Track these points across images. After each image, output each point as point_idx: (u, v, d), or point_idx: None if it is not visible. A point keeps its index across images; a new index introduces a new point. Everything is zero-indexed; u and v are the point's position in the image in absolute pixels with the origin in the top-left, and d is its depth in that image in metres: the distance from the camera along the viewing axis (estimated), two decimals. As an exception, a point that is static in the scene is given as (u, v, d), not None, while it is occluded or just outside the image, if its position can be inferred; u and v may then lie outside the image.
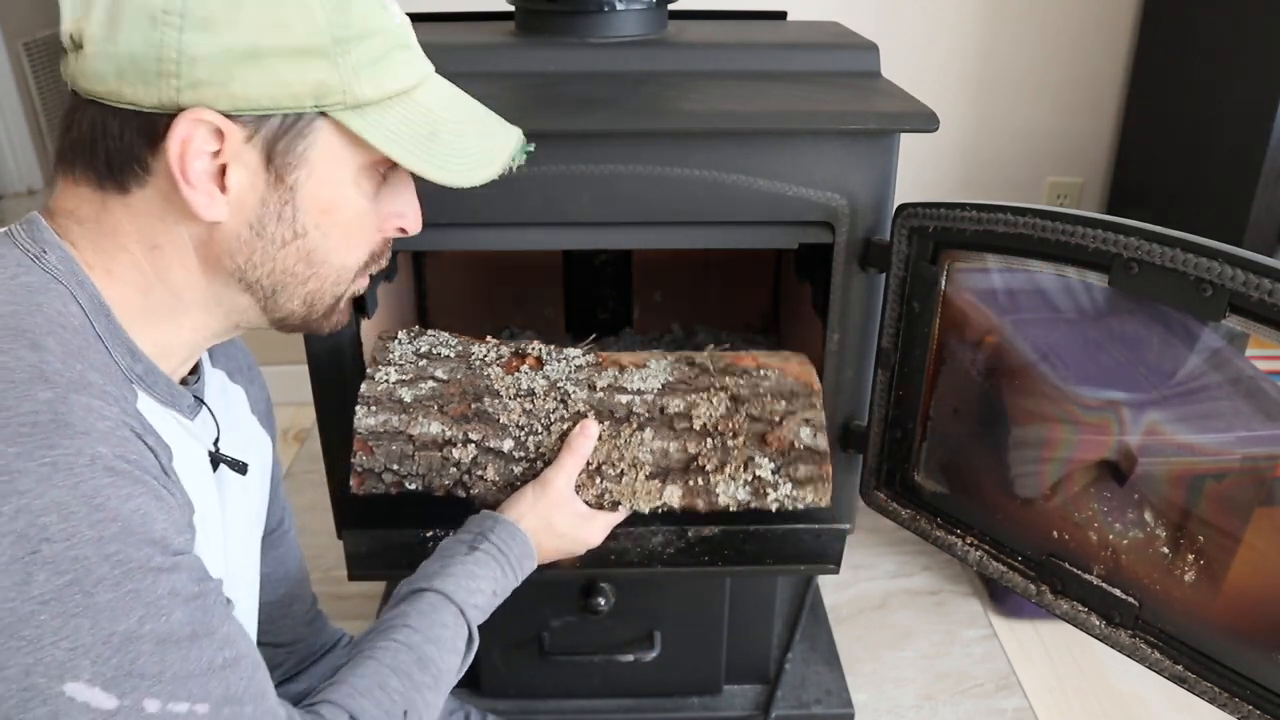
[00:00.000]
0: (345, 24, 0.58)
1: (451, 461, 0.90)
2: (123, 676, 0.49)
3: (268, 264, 0.62)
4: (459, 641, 0.76)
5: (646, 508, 0.91)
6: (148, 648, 0.50)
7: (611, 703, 1.30)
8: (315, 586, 0.98)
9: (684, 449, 0.91)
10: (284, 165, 0.59)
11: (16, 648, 0.47)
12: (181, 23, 0.54)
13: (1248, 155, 1.43)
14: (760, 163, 0.90)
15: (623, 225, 0.94)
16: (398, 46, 0.63)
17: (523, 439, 0.90)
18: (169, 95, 0.55)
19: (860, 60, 1.02)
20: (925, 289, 0.90)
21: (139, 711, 0.50)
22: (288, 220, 0.61)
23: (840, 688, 1.34)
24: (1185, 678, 0.79)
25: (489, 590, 0.79)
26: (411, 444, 0.90)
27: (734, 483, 0.91)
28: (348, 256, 0.65)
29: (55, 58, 3.58)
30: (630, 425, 0.91)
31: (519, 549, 0.83)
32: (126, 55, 0.55)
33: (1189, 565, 0.78)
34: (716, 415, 0.92)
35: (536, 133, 0.89)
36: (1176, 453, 0.79)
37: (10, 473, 0.47)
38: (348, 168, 0.62)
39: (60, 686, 0.48)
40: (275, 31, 0.56)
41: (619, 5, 1.01)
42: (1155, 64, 1.74)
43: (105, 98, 0.56)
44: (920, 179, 1.88)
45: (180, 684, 0.52)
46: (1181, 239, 0.70)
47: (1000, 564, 0.92)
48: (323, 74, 0.58)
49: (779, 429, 0.92)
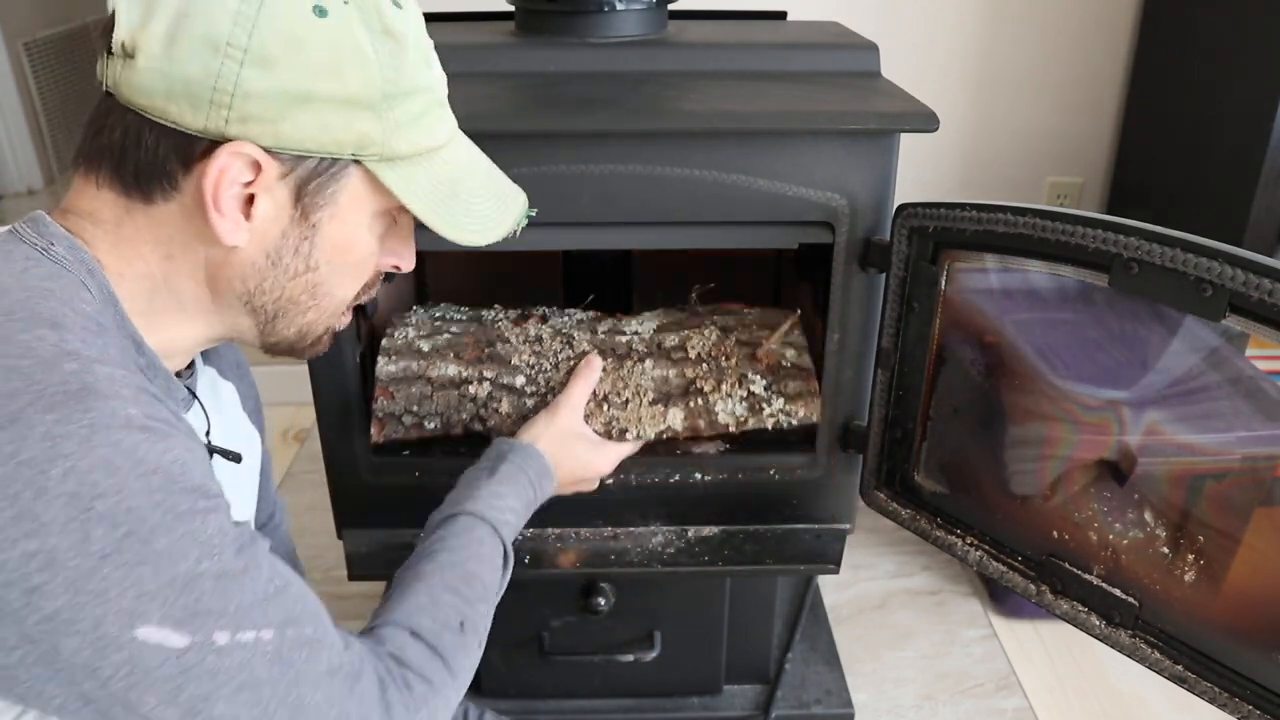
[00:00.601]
0: (396, 80, 0.60)
1: (468, 398, 0.99)
2: (190, 615, 0.51)
3: (276, 291, 0.63)
4: (496, 558, 0.79)
5: (652, 432, 0.99)
6: (209, 584, 0.52)
7: (611, 703, 1.30)
8: (315, 586, 0.98)
9: (682, 374, 1.00)
10: (311, 204, 0.61)
11: (85, 603, 0.48)
12: (244, 57, 0.56)
13: (1248, 155, 1.43)
14: (760, 163, 0.90)
15: (623, 225, 0.94)
16: (436, 103, 0.65)
17: (533, 375, 0.99)
18: (216, 124, 0.56)
19: (860, 60, 1.02)
20: (925, 289, 0.90)
21: (210, 645, 0.52)
22: (304, 255, 0.63)
23: (840, 688, 1.34)
24: (1185, 678, 0.79)
25: (516, 507, 0.84)
26: (430, 385, 0.99)
27: (731, 400, 1.00)
28: (348, 291, 0.68)
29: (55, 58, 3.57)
30: (631, 359, 1.01)
31: (537, 466, 0.88)
32: (181, 77, 0.56)
33: (1189, 565, 0.78)
34: (709, 344, 1.02)
35: (537, 133, 0.90)
36: (1176, 453, 0.79)
37: (52, 438, 0.49)
38: (367, 211, 0.64)
39: (132, 633, 0.50)
40: (331, 79, 0.58)
41: (619, 5, 1.01)
42: (1155, 64, 1.74)
43: (147, 111, 0.57)
44: (920, 179, 1.88)
45: (244, 614, 0.54)
46: (1181, 239, 0.70)
47: (1000, 564, 0.92)
48: (368, 126, 0.60)
49: (766, 346, 1.03)
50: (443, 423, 0.98)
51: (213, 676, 0.52)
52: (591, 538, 1.07)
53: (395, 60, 0.60)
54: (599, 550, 0.93)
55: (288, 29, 0.56)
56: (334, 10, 0.58)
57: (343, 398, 1.02)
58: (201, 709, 0.52)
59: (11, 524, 0.48)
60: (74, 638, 0.49)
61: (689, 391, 1.00)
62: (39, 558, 0.48)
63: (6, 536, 0.47)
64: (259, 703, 0.54)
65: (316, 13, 0.57)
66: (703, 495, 1.09)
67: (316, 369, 1.01)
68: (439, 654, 0.69)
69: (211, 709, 0.53)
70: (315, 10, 0.57)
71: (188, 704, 0.52)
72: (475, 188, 0.68)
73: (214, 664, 0.52)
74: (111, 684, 0.50)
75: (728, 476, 1.08)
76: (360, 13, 0.59)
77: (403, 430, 0.99)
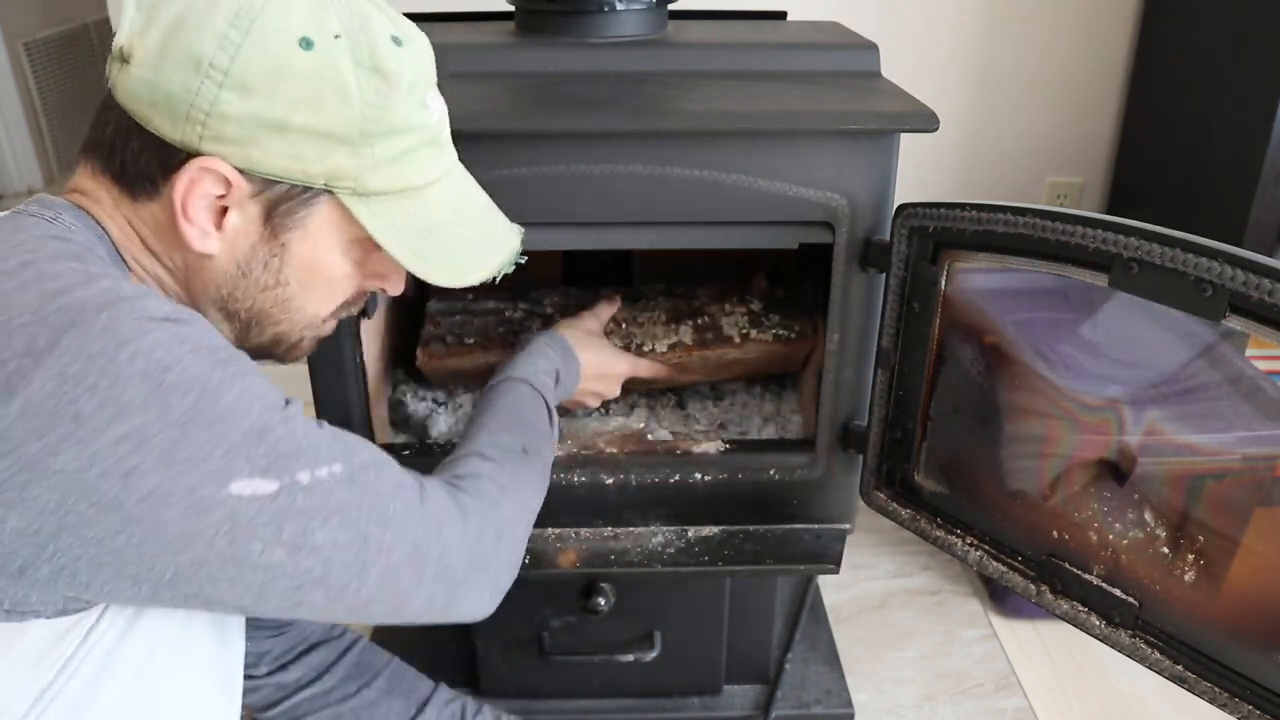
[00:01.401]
0: (379, 119, 0.61)
1: (503, 321, 1.17)
2: (273, 461, 0.55)
3: (247, 301, 0.65)
4: (541, 410, 0.88)
5: (665, 344, 1.12)
6: (280, 431, 0.56)
7: (611, 703, 1.30)
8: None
9: (689, 305, 1.19)
10: (281, 225, 0.62)
11: (179, 472, 0.51)
12: (224, 79, 0.57)
13: (1248, 155, 1.43)
14: (760, 163, 0.90)
15: (623, 225, 0.94)
16: (426, 144, 0.65)
17: (562, 306, 1.20)
18: (190, 139, 0.58)
19: (860, 60, 1.02)
20: (925, 289, 0.90)
21: (296, 486, 0.56)
22: (274, 270, 0.64)
23: (840, 688, 1.34)
24: (1185, 678, 0.79)
25: (551, 369, 0.93)
26: (472, 316, 1.17)
27: (734, 315, 1.16)
28: (322, 308, 0.69)
29: (55, 58, 3.57)
30: (646, 298, 1.21)
31: (561, 346, 0.97)
32: (164, 90, 0.57)
33: (1189, 565, 0.78)
34: (711, 292, 1.22)
35: (537, 133, 0.90)
36: (1176, 453, 0.79)
37: (110, 330, 0.51)
38: (341, 238, 0.65)
39: (227, 489, 0.53)
40: (308, 111, 0.58)
41: (619, 5, 1.01)
42: (1155, 64, 1.74)
43: (135, 115, 0.59)
44: (920, 179, 1.88)
45: (315, 451, 0.58)
46: (1181, 239, 0.70)
47: (1000, 564, 0.92)
48: (342, 160, 0.60)
49: (757, 280, 1.23)
50: (480, 338, 1.13)
51: (306, 512, 0.56)
52: (591, 538, 1.07)
53: (381, 99, 0.60)
54: (599, 550, 0.93)
55: (270, 58, 0.57)
56: (321, 43, 0.58)
57: (343, 397, 1.02)
58: (304, 542, 0.56)
59: (96, 413, 0.49)
60: (174, 507, 0.51)
61: (696, 312, 1.17)
62: (129, 440, 0.50)
63: (94, 426, 0.49)
64: (351, 523, 0.58)
65: (302, 45, 0.58)
66: (703, 495, 1.09)
67: (317, 369, 1.01)
68: (505, 467, 0.75)
69: (312, 539, 0.56)
70: (301, 42, 0.58)
71: (290, 540, 0.56)
72: (459, 229, 0.68)
73: (304, 502, 0.56)
74: (216, 542, 0.53)
75: (728, 476, 1.08)
76: (351, 47, 0.59)
77: (444, 349, 1.12)
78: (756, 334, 1.13)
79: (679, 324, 1.14)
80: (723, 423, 1.20)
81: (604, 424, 1.17)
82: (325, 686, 0.93)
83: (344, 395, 1.02)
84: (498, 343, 1.14)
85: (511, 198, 0.90)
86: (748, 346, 1.12)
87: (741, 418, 1.21)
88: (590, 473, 1.08)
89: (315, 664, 0.93)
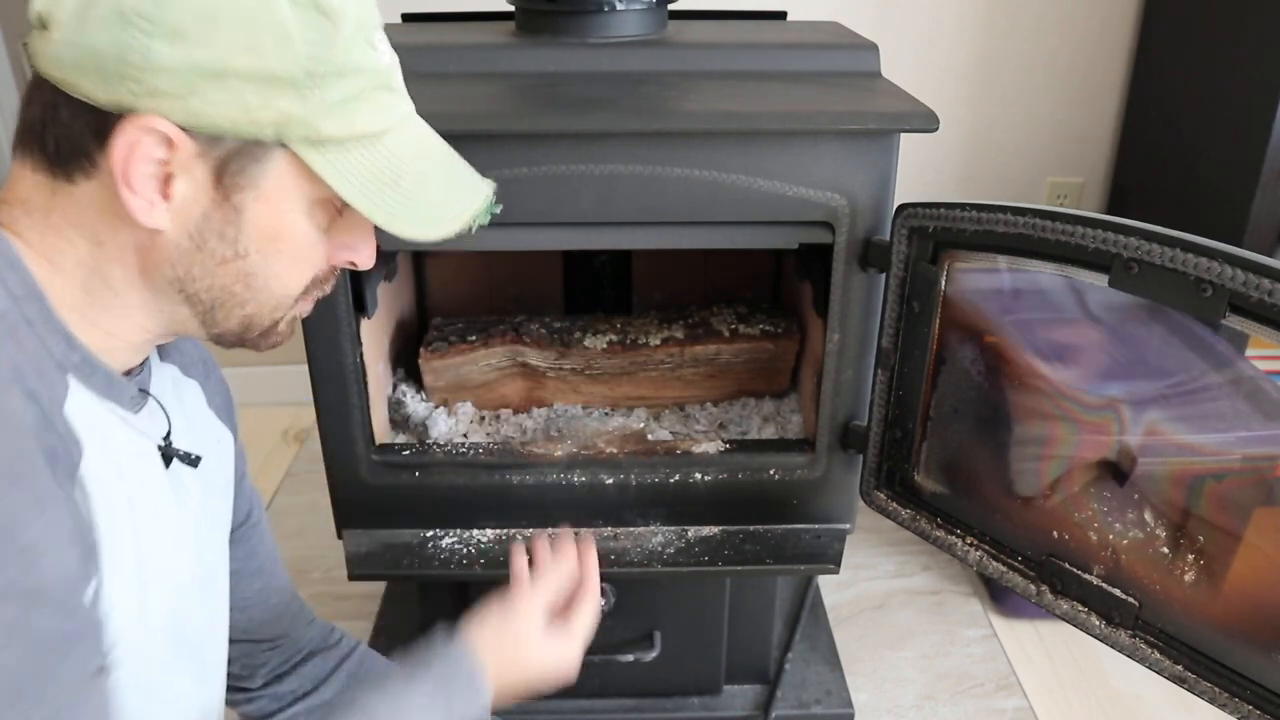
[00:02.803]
0: (325, 59, 0.57)
1: (504, 321, 1.23)
2: None
3: (206, 279, 0.60)
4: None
5: (658, 339, 1.20)
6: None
7: (611, 703, 1.30)
8: (315, 586, 0.98)
9: (682, 315, 1.27)
10: (232, 185, 0.57)
11: None
12: (151, 28, 0.53)
13: (1248, 155, 1.43)
14: (760, 163, 0.90)
15: (623, 225, 0.94)
16: (378, 88, 0.61)
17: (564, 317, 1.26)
18: (124, 98, 0.54)
19: (860, 60, 1.02)
20: (925, 289, 0.90)
21: None
22: (230, 239, 0.59)
23: (840, 688, 1.34)
24: (1185, 678, 0.79)
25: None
26: (475, 321, 1.25)
27: (723, 315, 1.26)
28: (290, 283, 0.64)
29: (55, 58, 3.53)
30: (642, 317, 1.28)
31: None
32: (90, 49, 0.53)
33: (1189, 565, 0.78)
34: (702, 313, 1.29)
35: (537, 133, 0.90)
36: (1177, 453, 0.79)
37: None
38: (301, 199, 0.60)
39: None
40: (248, 55, 0.54)
41: (619, 5, 1.01)
42: (1155, 64, 1.74)
43: (61, 84, 0.54)
44: (920, 179, 1.88)
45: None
46: (1181, 239, 0.70)
47: (1000, 564, 0.92)
48: (289, 104, 0.56)
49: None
50: (483, 333, 1.19)
51: None
52: (591, 538, 1.07)
53: (324, 38, 0.56)
54: (599, 550, 0.93)
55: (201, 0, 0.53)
56: None
57: (343, 397, 1.02)
58: None
59: None
60: None
61: (688, 313, 1.27)
62: None
63: None
64: None
65: None
66: (703, 495, 1.09)
67: (317, 369, 1.01)
68: None
69: None
70: None
71: None
72: (422, 177, 0.63)
73: None
74: None
75: (728, 476, 1.08)
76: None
77: (446, 346, 1.18)
78: (744, 329, 1.22)
79: (672, 325, 1.23)
80: (722, 423, 1.20)
81: (604, 424, 1.17)
82: (323, 698, 0.92)
83: (344, 395, 1.02)
84: (499, 340, 1.18)
85: (511, 198, 0.90)
86: (737, 342, 1.21)
87: (741, 418, 1.21)
88: (590, 473, 1.08)
89: (312, 674, 0.92)
